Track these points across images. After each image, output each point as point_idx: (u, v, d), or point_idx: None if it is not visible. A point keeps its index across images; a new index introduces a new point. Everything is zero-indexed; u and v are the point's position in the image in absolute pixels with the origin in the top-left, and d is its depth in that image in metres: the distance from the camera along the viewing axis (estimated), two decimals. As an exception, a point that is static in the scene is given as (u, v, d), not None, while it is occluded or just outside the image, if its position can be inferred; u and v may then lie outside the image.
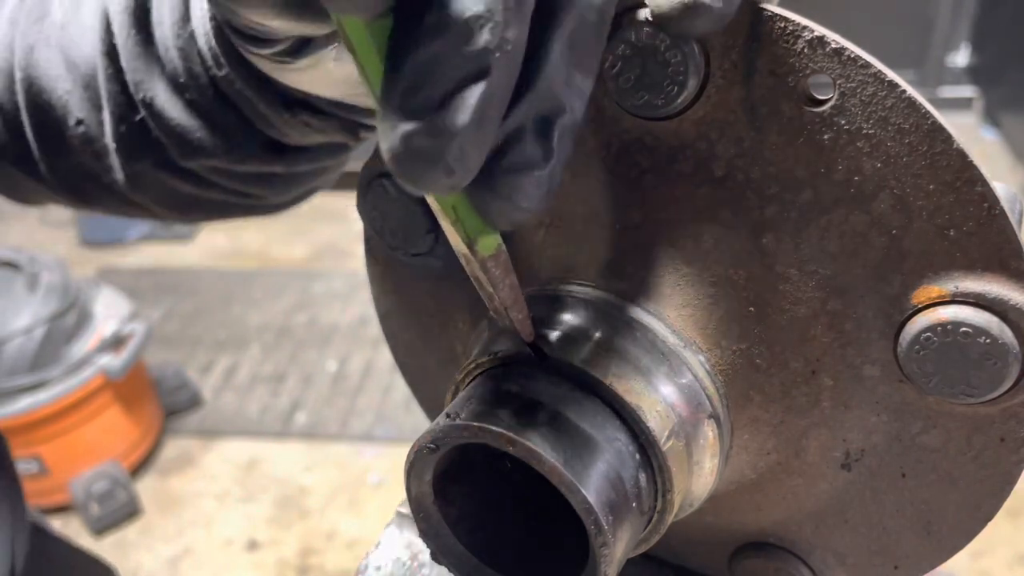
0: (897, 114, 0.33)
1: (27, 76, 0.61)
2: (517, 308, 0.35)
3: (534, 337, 0.36)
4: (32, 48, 0.61)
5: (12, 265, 2.37)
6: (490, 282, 0.33)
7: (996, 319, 0.33)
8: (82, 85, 0.59)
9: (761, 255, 0.36)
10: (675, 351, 0.37)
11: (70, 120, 0.61)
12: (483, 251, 0.32)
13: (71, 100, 0.60)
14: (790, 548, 0.44)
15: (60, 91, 0.60)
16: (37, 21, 0.61)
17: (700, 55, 0.34)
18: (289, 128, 0.54)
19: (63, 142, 0.62)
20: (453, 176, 0.25)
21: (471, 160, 0.26)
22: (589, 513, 0.32)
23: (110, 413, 2.41)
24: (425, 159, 0.25)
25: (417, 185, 0.26)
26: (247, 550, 2.33)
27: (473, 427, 0.33)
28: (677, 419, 0.36)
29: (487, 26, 0.25)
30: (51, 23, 0.61)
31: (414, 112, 0.25)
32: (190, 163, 0.58)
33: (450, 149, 0.25)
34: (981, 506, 0.39)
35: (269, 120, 0.54)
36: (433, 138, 0.25)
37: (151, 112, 0.57)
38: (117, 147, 0.60)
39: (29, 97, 0.61)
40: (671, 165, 0.37)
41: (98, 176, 0.63)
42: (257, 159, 0.58)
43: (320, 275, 3.42)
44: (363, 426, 2.68)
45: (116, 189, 0.63)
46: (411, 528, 0.52)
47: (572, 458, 0.32)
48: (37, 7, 0.62)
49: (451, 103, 0.25)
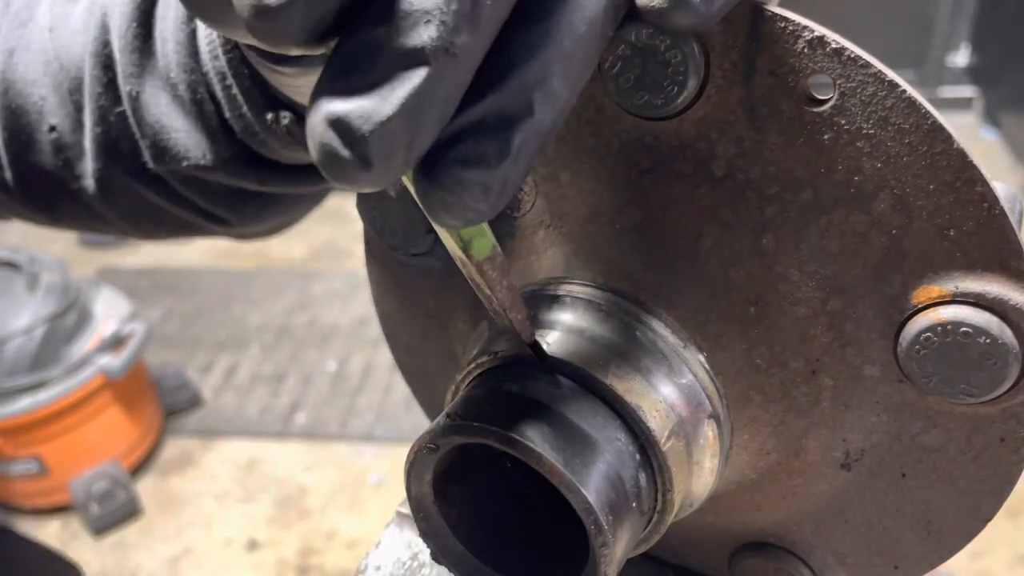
0: (897, 114, 0.33)
1: (3, 80, 0.61)
2: (516, 309, 0.35)
3: (534, 338, 0.36)
4: (12, 52, 0.61)
5: (12, 265, 2.37)
6: (487, 284, 0.33)
7: (996, 319, 0.33)
8: (65, 88, 0.59)
9: (761, 255, 0.36)
10: (675, 351, 0.37)
11: (43, 126, 0.61)
12: (478, 254, 0.32)
13: (46, 105, 0.60)
14: (790, 548, 0.44)
15: (36, 96, 0.60)
16: (20, 26, 0.61)
17: (700, 55, 0.34)
18: (271, 136, 0.54)
19: (33, 147, 0.62)
20: (371, 169, 0.24)
21: (395, 156, 0.25)
22: (589, 513, 0.32)
23: (110, 413, 2.41)
24: (344, 144, 0.24)
25: (334, 175, 0.25)
26: (247, 550, 2.33)
27: (473, 427, 0.33)
28: (677, 419, 0.36)
29: (432, 23, 0.24)
30: (36, 27, 0.61)
31: (342, 94, 0.24)
32: (163, 168, 0.58)
33: (370, 138, 0.24)
34: (981, 506, 0.39)
35: (251, 126, 0.53)
36: (354, 123, 0.24)
37: (134, 107, 0.56)
38: (92, 149, 0.59)
39: (4, 102, 0.61)
40: (671, 165, 0.37)
41: (66, 184, 0.62)
42: (232, 171, 0.57)
43: (320, 275, 3.42)
44: (363, 426, 2.68)
45: (84, 199, 0.63)
46: (411, 528, 0.52)
47: (572, 458, 0.32)
48: (22, 12, 0.62)
49: (381, 91, 0.24)
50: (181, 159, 0.56)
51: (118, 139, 0.58)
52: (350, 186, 0.25)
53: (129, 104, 0.56)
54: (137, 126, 0.57)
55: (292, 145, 0.54)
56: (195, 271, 3.53)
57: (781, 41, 0.33)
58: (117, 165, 0.59)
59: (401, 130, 0.24)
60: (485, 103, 0.26)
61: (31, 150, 0.62)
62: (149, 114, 0.56)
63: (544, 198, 0.40)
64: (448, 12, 0.24)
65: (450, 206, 0.26)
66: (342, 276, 3.39)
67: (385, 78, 0.24)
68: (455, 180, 0.26)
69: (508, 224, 0.42)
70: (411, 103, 0.24)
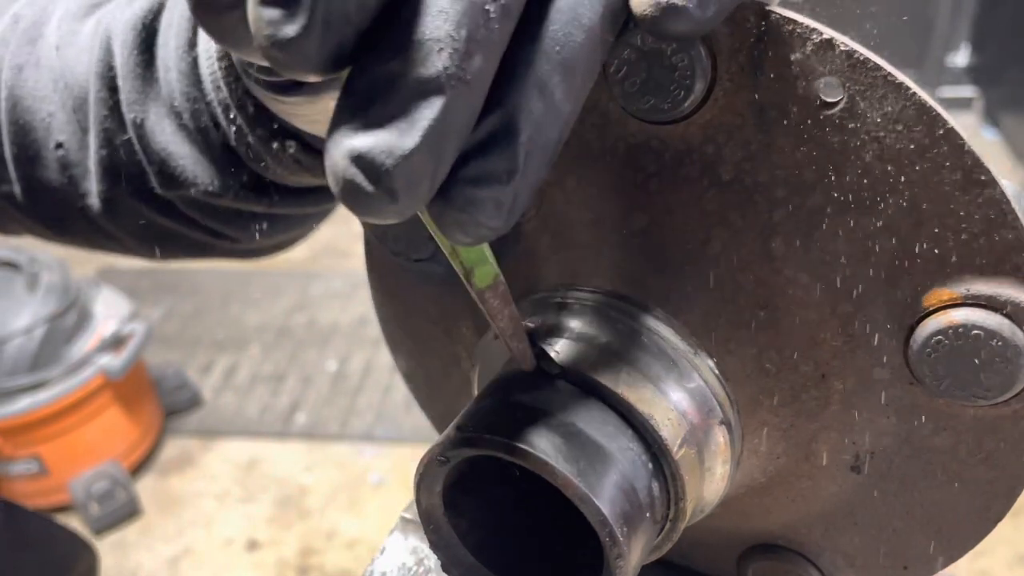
0: (907, 117, 0.32)
1: (12, 95, 0.61)
2: (516, 338, 0.34)
3: (533, 366, 0.36)
4: (21, 69, 0.61)
5: (12, 265, 2.36)
6: (488, 313, 0.33)
7: (1008, 321, 0.33)
8: (71, 107, 0.59)
9: (770, 259, 0.36)
10: (684, 357, 0.37)
11: (50, 143, 0.61)
12: (479, 283, 0.32)
13: (53, 122, 0.60)
14: (799, 550, 0.44)
15: (43, 113, 0.60)
16: (29, 43, 0.61)
17: (707, 58, 0.34)
18: (278, 164, 0.54)
19: (40, 163, 0.62)
20: (397, 202, 0.24)
21: (419, 188, 0.25)
22: (604, 525, 0.32)
23: (110, 413, 2.41)
24: (368, 180, 0.24)
25: (358, 209, 0.25)
26: (247, 550, 2.33)
27: (484, 439, 0.33)
28: (689, 426, 0.36)
29: (445, 51, 0.24)
30: (45, 44, 0.61)
31: (362, 128, 0.24)
32: (169, 193, 0.58)
33: (395, 172, 0.24)
34: (991, 507, 0.39)
35: (258, 154, 0.53)
36: (377, 158, 0.24)
37: (139, 134, 0.56)
38: (97, 171, 0.59)
39: (12, 118, 0.61)
40: (678, 169, 0.37)
41: (73, 201, 0.62)
42: (239, 196, 0.57)
43: (319, 275, 3.42)
44: (363, 426, 2.68)
45: (90, 216, 0.63)
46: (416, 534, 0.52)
47: (586, 469, 0.32)
48: (31, 29, 0.62)
49: (400, 124, 0.24)
50: (189, 185, 0.56)
51: (124, 163, 0.58)
52: (374, 219, 0.25)
53: (134, 131, 0.56)
54: (143, 152, 0.57)
55: (299, 172, 0.54)
56: (195, 271, 3.53)
57: (789, 44, 0.33)
58: (123, 187, 0.60)
59: (425, 161, 0.24)
60: (491, 120, 0.26)
61: (38, 166, 0.62)
62: (155, 141, 0.56)
63: (550, 203, 0.40)
64: (460, 39, 0.24)
65: (464, 225, 0.26)
66: (342, 276, 3.38)
67: (403, 110, 0.24)
68: (468, 200, 0.26)
69: (513, 229, 0.42)
70: (432, 134, 0.24)
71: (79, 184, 0.61)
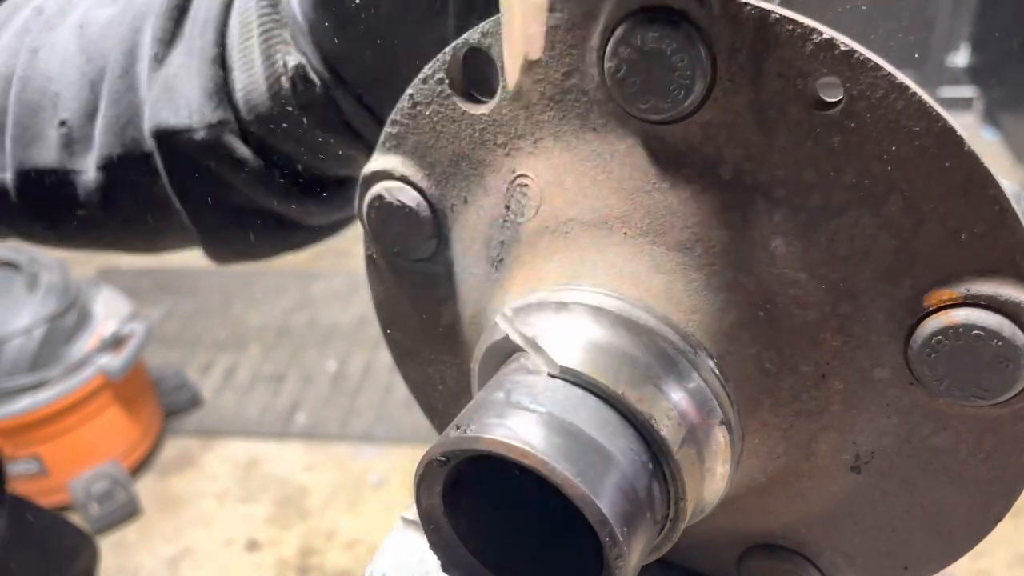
0: (907, 117, 0.32)
1: (24, 76, 0.63)
2: None
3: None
4: (36, 51, 0.63)
5: (12, 265, 2.37)
6: None
7: (1008, 321, 0.33)
8: (87, 83, 0.61)
9: (770, 259, 0.36)
10: (685, 357, 0.37)
11: (55, 120, 0.62)
12: None
13: (60, 100, 0.62)
14: (799, 550, 0.44)
15: (51, 91, 0.62)
16: (49, 30, 0.63)
17: (707, 58, 0.34)
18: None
19: (39, 144, 0.63)
20: None
21: None
22: (604, 525, 0.31)
23: (110, 413, 2.41)
24: None
25: None
26: (247, 550, 2.33)
27: (484, 440, 0.33)
28: (689, 427, 0.36)
29: None
30: (66, 27, 0.63)
31: None
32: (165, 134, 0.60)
33: None
34: (991, 507, 0.39)
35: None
36: None
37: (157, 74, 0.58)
38: (100, 138, 0.61)
39: (21, 98, 0.63)
40: (678, 169, 0.37)
41: (65, 185, 0.64)
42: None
43: (320, 275, 3.42)
44: (363, 426, 2.68)
45: (82, 201, 0.64)
46: (416, 534, 0.52)
47: (586, 469, 0.32)
48: (54, 18, 0.64)
49: None
50: (187, 118, 0.58)
51: (128, 124, 0.60)
52: None
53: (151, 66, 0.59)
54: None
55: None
56: (195, 271, 3.53)
57: (789, 44, 0.33)
58: (122, 151, 0.61)
59: None
60: None
61: (37, 146, 0.63)
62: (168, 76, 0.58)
63: (550, 203, 0.40)
64: None
65: None
66: (342, 276, 3.39)
67: None
68: None
69: (513, 230, 0.42)
70: None
71: (77, 160, 0.63)
